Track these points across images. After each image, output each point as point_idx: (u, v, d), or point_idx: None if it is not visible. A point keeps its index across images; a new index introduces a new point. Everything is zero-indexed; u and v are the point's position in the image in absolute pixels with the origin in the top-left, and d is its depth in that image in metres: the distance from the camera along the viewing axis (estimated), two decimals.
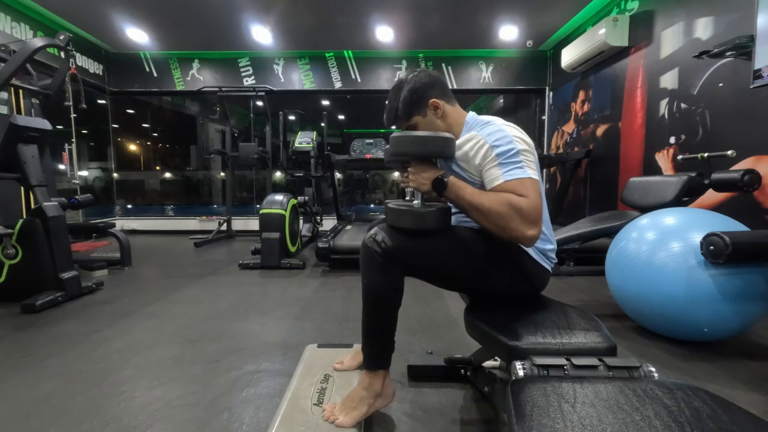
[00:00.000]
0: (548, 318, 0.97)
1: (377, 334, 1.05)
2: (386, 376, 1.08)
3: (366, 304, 1.02)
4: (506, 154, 0.94)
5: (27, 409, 1.27)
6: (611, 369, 0.76)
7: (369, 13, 4.26)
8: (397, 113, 1.14)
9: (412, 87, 1.11)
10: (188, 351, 1.70)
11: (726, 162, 2.34)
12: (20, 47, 2.53)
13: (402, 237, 0.97)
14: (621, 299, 1.89)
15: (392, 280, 0.99)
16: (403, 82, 1.13)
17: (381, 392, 1.06)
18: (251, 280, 2.96)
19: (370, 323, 1.04)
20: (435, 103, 1.11)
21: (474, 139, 1.01)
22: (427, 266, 1.02)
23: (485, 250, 1.04)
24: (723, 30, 2.56)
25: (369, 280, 0.99)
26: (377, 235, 0.97)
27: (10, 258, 2.33)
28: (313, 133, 4.82)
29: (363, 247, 1.00)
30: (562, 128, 4.94)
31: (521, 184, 0.92)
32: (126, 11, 4.19)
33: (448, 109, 1.13)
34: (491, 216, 0.92)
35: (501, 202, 0.91)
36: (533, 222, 0.90)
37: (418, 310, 2.18)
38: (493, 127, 1.00)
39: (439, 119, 1.12)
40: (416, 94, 1.11)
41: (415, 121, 1.13)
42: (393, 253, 0.96)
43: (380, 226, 1.01)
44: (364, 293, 1.01)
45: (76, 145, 4.64)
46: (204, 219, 5.73)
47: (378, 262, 0.96)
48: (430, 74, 1.13)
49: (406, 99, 1.11)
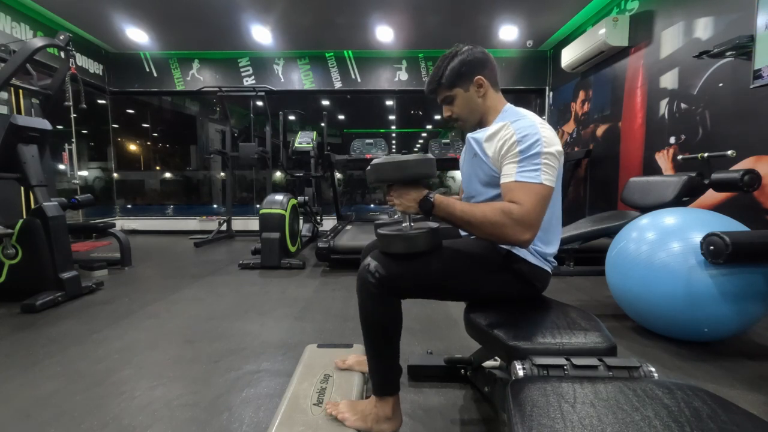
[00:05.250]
0: (548, 318, 0.97)
1: (380, 362, 1.04)
2: (395, 401, 1.06)
3: (366, 333, 1.02)
4: (528, 153, 0.93)
5: (27, 409, 1.27)
6: (611, 369, 0.76)
7: (369, 13, 4.26)
8: (441, 80, 1.10)
9: (464, 58, 1.08)
10: (188, 351, 1.70)
11: (726, 162, 2.34)
12: (20, 47, 2.53)
13: (395, 263, 0.96)
14: (621, 299, 1.89)
15: (389, 309, 0.99)
16: (457, 51, 1.10)
17: (390, 417, 1.05)
18: (251, 280, 2.96)
19: (372, 351, 1.03)
20: (480, 80, 1.08)
21: (504, 129, 0.99)
22: (423, 286, 1.01)
23: (480, 261, 1.03)
24: (723, 30, 2.56)
25: (366, 311, 0.99)
26: (370, 265, 0.97)
27: (10, 258, 2.33)
28: (313, 133, 4.83)
29: (358, 277, 0.99)
30: (562, 128, 4.94)
31: (525, 189, 0.91)
32: (126, 11, 4.19)
33: (491, 92, 1.11)
34: (484, 226, 0.91)
35: (493, 212, 0.90)
36: (527, 227, 0.89)
37: (418, 310, 2.18)
38: (526, 122, 0.98)
39: (480, 98, 1.10)
40: (466, 66, 1.08)
41: (456, 93, 1.10)
42: (387, 281, 0.95)
43: (372, 254, 1.00)
44: (363, 322, 1.01)
45: (76, 145, 4.64)
46: (204, 219, 5.73)
47: (373, 293, 0.96)
48: (485, 52, 1.11)
49: (454, 68, 1.08)
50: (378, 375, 1.05)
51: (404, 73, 5.35)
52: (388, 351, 1.03)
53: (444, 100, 1.14)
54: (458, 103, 1.12)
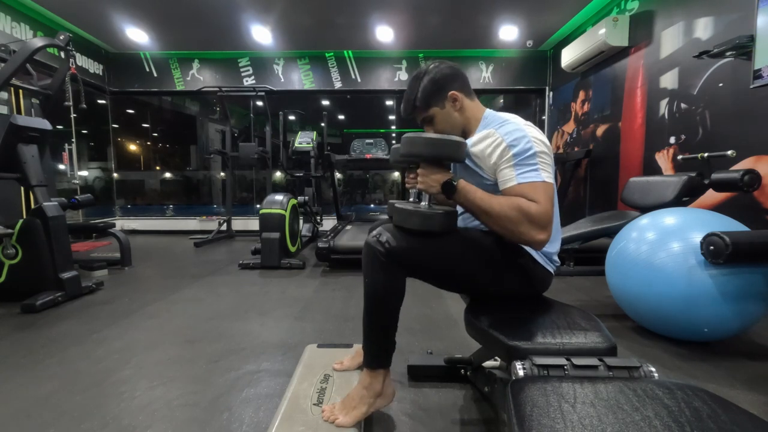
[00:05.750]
0: (548, 318, 0.97)
1: (378, 333, 1.05)
2: (387, 375, 1.07)
3: (367, 303, 1.02)
4: (522, 155, 0.93)
5: (27, 409, 1.27)
6: (611, 369, 0.76)
7: (369, 13, 4.26)
8: (415, 102, 1.12)
9: (433, 77, 1.09)
10: (188, 351, 1.70)
11: (726, 162, 2.34)
12: (20, 47, 2.53)
13: (406, 238, 0.97)
14: (621, 299, 1.89)
15: (394, 281, 0.99)
16: (424, 71, 1.11)
17: (381, 392, 1.06)
18: (251, 280, 2.96)
19: (371, 322, 1.04)
20: (454, 95, 1.09)
21: (491, 137, 1.00)
22: (430, 268, 1.02)
23: (489, 252, 1.04)
24: (723, 30, 2.56)
25: (371, 280, 0.99)
26: (381, 236, 0.97)
27: (10, 258, 2.33)
28: (313, 133, 4.82)
29: (366, 246, 0.99)
30: (562, 128, 4.94)
31: (533, 188, 0.91)
32: (126, 11, 4.19)
33: (467, 103, 1.12)
34: (501, 220, 0.92)
35: (511, 207, 0.90)
36: (543, 226, 0.90)
37: (418, 310, 2.18)
38: (512, 126, 0.98)
39: (457, 112, 1.11)
40: (436, 85, 1.09)
41: (433, 113, 1.12)
42: (396, 253, 0.95)
43: (384, 226, 1.00)
44: (366, 292, 1.01)
45: (76, 145, 4.64)
46: (204, 219, 5.73)
47: (381, 262, 0.96)
48: (451, 66, 1.12)
49: (426, 88, 1.09)
50: (373, 346, 1.05)
51: (404, 73, 5.35)
52: (386, 322, 1.03)
53: (423, 121, 1.15)
54: (438, 121, 1.13)
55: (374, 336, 1.05)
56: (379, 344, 1.05)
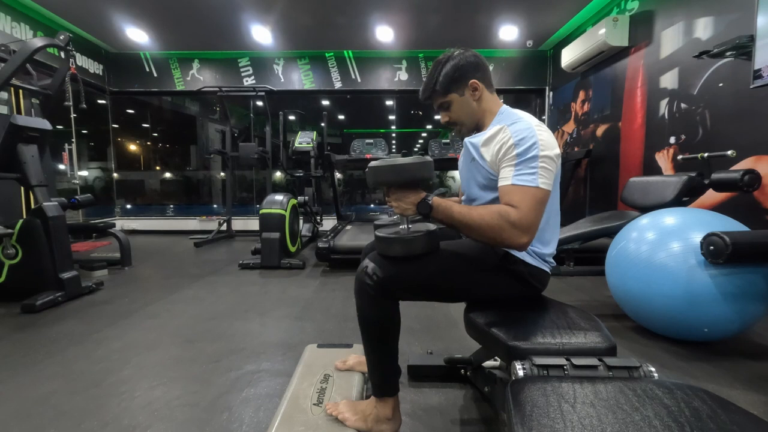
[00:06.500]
0: (548, 318, 0.97)
1: (379, 363, 1.04)
2: (395, 402, 1.06)
3: (364, 335, 1.02)
4: (524, 156, 0.93)
5: (27, 409, 1.27)
6: (611, 369, 0.76)
7: (369, 13, 4.26)
8: (435, 86, 1.10)
9: (456, 63, 1.08)
10: (188, 351, 1.70)
11: (726, 162, 2.34)
12: (20, 47, 2.53)
13: (393, 266, 0.96)
14: (621, 299, 1.89)
15: (387, 311, 0.99)
16: (449, 56, 1.10)
17: (390, 417, 1.05)
18: (251, 280, 2.96)
19: (370, 353, 1.04)
20: (475, 84, 1.08)
21: (502, 132, 0.99)
22: (422, 289, 1.01)
23: (478, 262, 1.03)
24: (723, 30, 2.56)
25: (364, 313, 1.00)
26: (368, 267, 0.97)
27: (10, 258, 2.33)
28: (313, 133, 4.82)
29: (356, 280, 1.00)
30: (562, 128, 4.94)
31: (522, 192, 0.91)
32: (126, 11, 4.19)
33: (486, 94, 1.11)
34: (483, 229, 0.91)
35: (491, 215, 0.90)
36: (524, 231, 0.89)
37: (418, 310, 2.18)
38: (523, 125, 0.97)
39: (475, 102, 1.10)
40: (459, 71, 1.08)
41: (451, 99, 1.10)
42: (385, 284, 0.95)
43: (370, 257, 1.00)
44: (361, 324, 1.01)
45: (76, 145, 4.64)
46: (204, 219, 5.73)
47: (370, 296, 0.96)
48: (476, 55, 1.11)
49: (448, 73, 1.08)
50: (377, 376, 1.05)
51: (404, 73, 5.35)
52: (387, 352, 1.03)
53: (440, 106, 1.14)
54: (454, 108, 1.12)
55: (376, 366, 1.05)
56: (382, 374, 1.05)
